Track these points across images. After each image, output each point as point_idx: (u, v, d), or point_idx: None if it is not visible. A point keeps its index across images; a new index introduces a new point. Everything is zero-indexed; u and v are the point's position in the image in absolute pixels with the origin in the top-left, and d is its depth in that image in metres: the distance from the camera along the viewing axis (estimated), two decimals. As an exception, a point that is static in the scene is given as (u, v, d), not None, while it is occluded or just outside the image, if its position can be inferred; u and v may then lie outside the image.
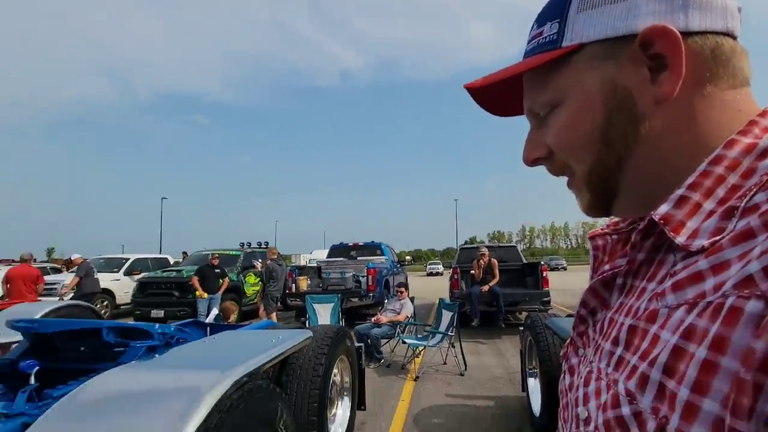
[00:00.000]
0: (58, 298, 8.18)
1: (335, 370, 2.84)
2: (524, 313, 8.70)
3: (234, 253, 9.79)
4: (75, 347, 2.15)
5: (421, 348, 5.25)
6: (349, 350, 3.13)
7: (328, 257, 9.95)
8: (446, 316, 5.33)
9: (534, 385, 3.50)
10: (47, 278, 8.75)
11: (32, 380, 1.66)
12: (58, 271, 13.20)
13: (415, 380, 4.73)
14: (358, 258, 9.25)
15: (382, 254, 9.85)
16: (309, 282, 8.24)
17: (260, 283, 8.99)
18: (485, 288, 6.84)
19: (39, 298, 7.02)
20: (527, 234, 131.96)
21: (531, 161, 0.45)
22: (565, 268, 37.84)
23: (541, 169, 0.46)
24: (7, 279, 7.04)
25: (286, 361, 2.46)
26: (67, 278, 9.10)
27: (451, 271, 8.36)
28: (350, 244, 10.23)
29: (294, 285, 7.94)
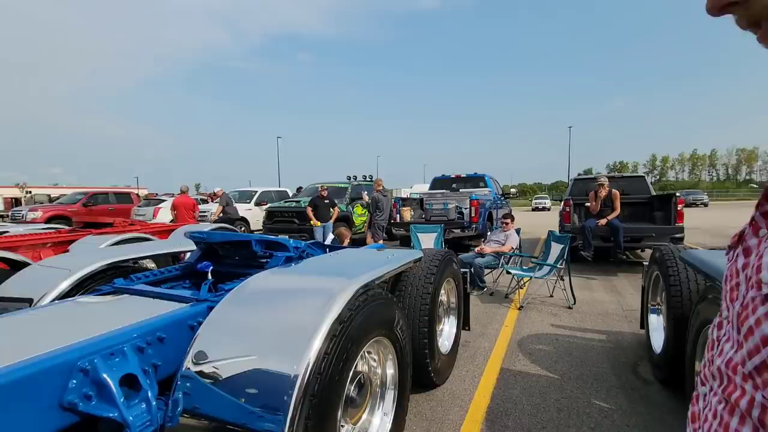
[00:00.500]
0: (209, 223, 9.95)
1: (442, 291, 3.01)
2: (647, 251, 7.82)
3: (342, 185, 10.52)
4: (231, 256, 2.65)
5: (526, 279, 5.19)
6: (455, 273, 3.25)
7: (430, 189, 10.05)
8: (555, 248, 5.09)
9: (657, 321, 3.25)
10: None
11: (209, 276, 2.12)
12: (204, 202, 15.90)
13: (518, 309, 4.77)
14: (461, 190, 9.14)
15: (486, 186, 9.56)
16: (412, 213, 8.53)
17: (367, 213, 9.61)
18: (602, 221, 6.25)
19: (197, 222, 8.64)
20: (658, 165, 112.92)
21: (720, 8, 0.38)
22: (705, 204, 32.14)
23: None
24: (174, 206, 8.77)
25: (399, 278, 2.69)
26: (213, 207, 10.93)
27: (562, 203, 7.77)
28: (453, 176, 10.11)
29: (398, 215, 8.31)
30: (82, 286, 2.43)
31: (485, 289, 5.57)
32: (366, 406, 1.93)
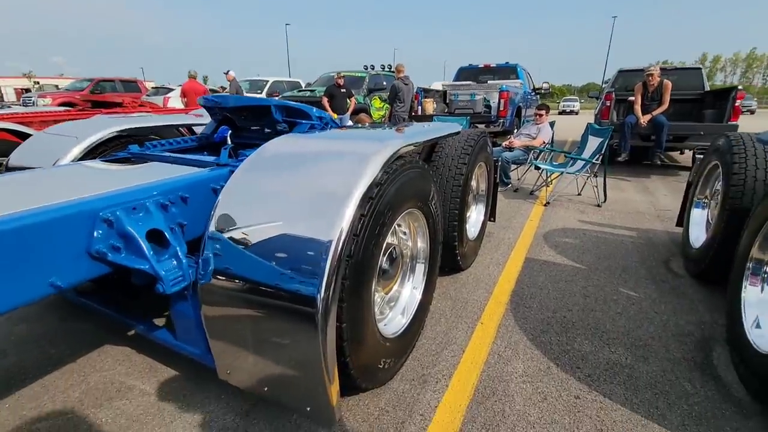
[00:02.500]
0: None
1: (474, 175, 2.82)
2: (686, 153, 7.34)
3: (360, 74, 9.74)
4: (249, 126, 2.44)
5: (554, 176, 4.94)
6: (488, 159, 3.03)
7: (455, 80, 9.24)
8: (593, 142, 4.72)
9: (699, 216, 3.07)
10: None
11: (229, 141, 1.94)
12: (215, 92, 15.20)
13: (544, 205, 4.62)
14: (489, 82, 8.36)
15: (518, 78, 8.72)
16: (435, 106, 7.96)
17: (385, 107, 9.04)
18: (646, 117, 5.69)
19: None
20: (707, 65, 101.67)
21: None
22: (752, 112, 29.63)
23: None
24: (183, 93, 8.35)
25: (431, 156, 2.48)
26: (225, 97, 10.44)
27: (600, 100, 7.09)
28: (481, 66, 9.19)
29: (420, 107, 7.77)
30: (95, 153, 2.30)
31: (509, 186, 5.38)
32: (397, 278, 1.89)
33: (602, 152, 4.45)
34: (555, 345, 2.07)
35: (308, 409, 1.36)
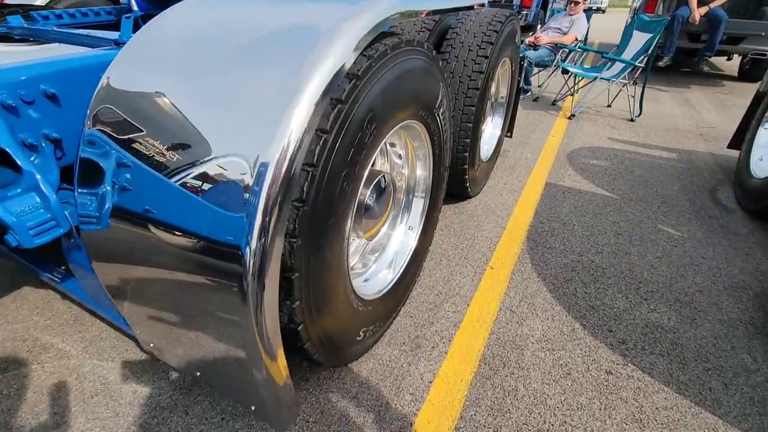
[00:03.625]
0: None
1: (495, 76, 2.15)
2: (734, 62, 6.34)
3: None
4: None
5: (583, 82, 4.17)
6: (515, 54, 2.32)
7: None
8: (638, 39, 3.85)
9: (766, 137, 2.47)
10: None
11: (134, 6, 1.29)
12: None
13: (569, 118, 3.95)
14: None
15: (549, -42, 7.20)
16: (446, -8, 6.67)
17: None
18: (702, 10, 4.66)
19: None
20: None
21: None
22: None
23: None
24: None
25: (443, 43, 1.80)
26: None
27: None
28: (505, -59, 7.54)
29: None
30: (-36, 27, 1.62)
31: (529, 93, 4.61)
32: (386, 217, 1.40)
33: (649, 52, 3.63)
34: (581, 299, 1.67)
35: (253, 408, 0.97)
